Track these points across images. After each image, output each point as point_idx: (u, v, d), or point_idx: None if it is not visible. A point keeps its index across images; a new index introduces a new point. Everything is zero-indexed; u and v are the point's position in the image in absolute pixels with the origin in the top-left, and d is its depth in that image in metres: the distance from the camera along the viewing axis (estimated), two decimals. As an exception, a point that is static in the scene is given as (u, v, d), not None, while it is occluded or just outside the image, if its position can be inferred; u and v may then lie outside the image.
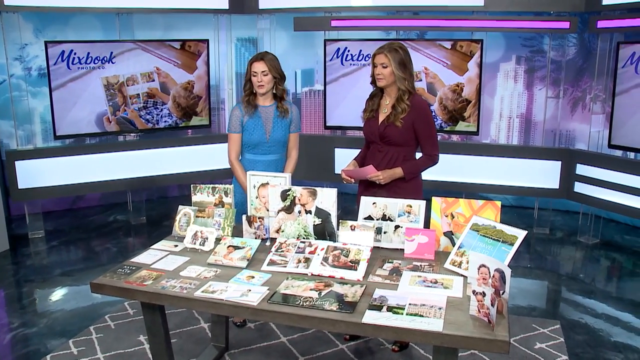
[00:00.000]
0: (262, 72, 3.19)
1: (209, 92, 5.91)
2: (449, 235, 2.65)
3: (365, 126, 3.13)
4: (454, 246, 2.61)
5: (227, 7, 5.85)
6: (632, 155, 4.99)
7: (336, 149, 5.87)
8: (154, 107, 5.62)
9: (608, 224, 5.42)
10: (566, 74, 5.72)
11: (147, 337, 3.31)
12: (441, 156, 3.09)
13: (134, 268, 2.50)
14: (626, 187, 4.74)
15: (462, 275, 2.37)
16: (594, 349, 3.31)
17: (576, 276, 4.46)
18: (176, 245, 2.77)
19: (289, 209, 2.73)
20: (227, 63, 6.30)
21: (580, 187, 5.14)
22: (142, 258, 2.62)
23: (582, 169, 5.12)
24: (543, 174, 5.33)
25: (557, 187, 5.29)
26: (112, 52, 5.31)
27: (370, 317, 2.01)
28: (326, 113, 5.93)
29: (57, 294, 4.10)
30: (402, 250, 2.62)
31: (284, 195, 2.73)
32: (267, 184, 2.85)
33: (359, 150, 3.26)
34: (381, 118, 3.03)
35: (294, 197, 2.71)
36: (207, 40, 5.79)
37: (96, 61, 5.26)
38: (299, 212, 2.71)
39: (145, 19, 5.86)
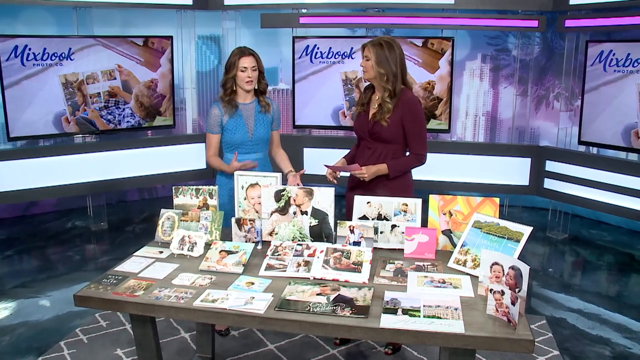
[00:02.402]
0: (252, 67, 3.07)
1: (173, 91, 5.67)
2: (448, 233, 2.60)
3: (356, 121, 3.03)
4: (452, 244, 2.55)
5: (191, 3, 5.63)
6: (594, 150, 5.12)
7: (305, 149, 5.75)
8: (116, 107, 5.32)
9: (574, 219, 5.54)
10: (531, 72, 5.81)
11: (125, 350, 3.13)
12: None
13: (120, 277, 2.31)
14: (595, 183, 4.84)
15: (467, 273, 2.31)
16: (581, 342, 3.33)
17: (551, 271, 4.52)
18: (161, 252, 2.58)
19: (283, 210, 2.60)
20: (189, 61, 6.07)
21: (549, 184, 5.23)
22: (127, 266, 2.42)
23: (551, 166, 5.21)
24: (513, 171, 5.39)
25: (527, 183, 5.37)
26: (70, 49, 4.98)
27: (388, 322, 1.91)
28: (295, 112, 5.80)
29: (17, 308, 3.78)
30: (401, 250, 2.54)
31: (278, 195, 2.60)
32: (257, 184, 2.71)
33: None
34: (371, 113, 2.94)
35: (289, 198, 2.58)
36: (171, 37, 5.55)
37: (53, 58, 4.92)
38: (294, 213, 2.58)
39: (103, 14, 5.54)
